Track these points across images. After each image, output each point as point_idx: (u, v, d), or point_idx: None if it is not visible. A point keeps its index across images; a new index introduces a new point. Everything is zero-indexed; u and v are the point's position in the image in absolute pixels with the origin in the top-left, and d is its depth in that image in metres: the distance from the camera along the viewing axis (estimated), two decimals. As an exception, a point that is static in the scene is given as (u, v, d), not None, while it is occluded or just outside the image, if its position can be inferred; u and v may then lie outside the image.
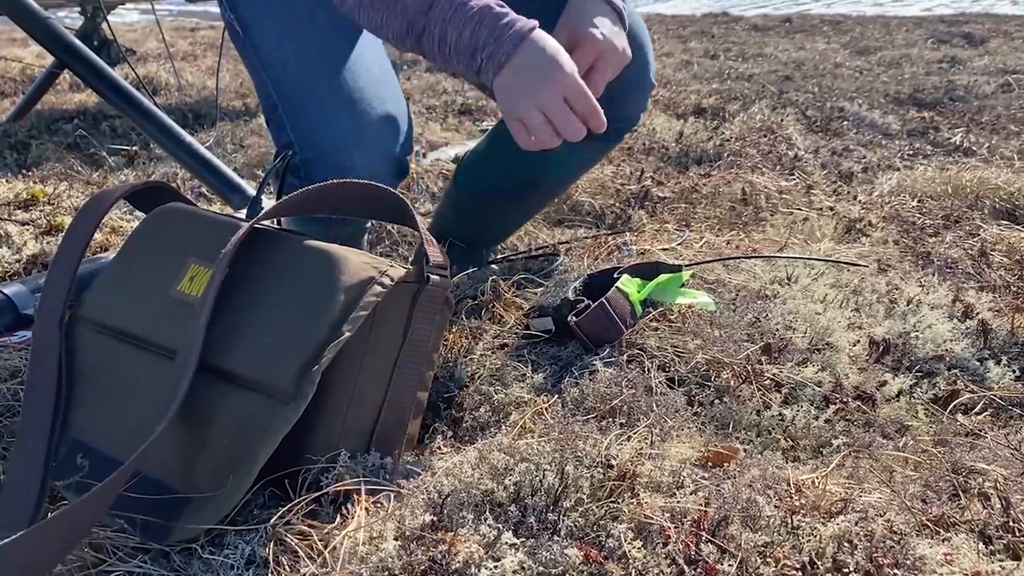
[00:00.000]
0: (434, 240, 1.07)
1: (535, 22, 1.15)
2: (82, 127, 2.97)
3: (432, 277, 1.03)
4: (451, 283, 1.05)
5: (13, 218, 2.01)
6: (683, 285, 1.37)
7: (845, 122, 3.32)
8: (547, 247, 1.84)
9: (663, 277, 1.34)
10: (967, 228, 1.90)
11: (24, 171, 2.44)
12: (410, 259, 1.06)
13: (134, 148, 2.71)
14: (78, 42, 2.20)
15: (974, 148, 2.91)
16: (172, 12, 10.74)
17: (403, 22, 1.16)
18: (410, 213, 1.06)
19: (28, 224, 1.97)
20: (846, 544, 0.82)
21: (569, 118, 1.12)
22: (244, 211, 1.26)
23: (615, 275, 1.33)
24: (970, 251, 1.70)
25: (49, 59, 3.52)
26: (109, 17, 3.06)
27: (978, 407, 1.19)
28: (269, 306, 0.97)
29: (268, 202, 1.15)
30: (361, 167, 1.30)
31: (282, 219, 1.23)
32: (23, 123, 3.15)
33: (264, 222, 1.06)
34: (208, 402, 0.94)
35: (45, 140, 2.81)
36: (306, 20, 1.36)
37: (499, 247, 1.79)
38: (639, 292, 1.31)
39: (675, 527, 0.85)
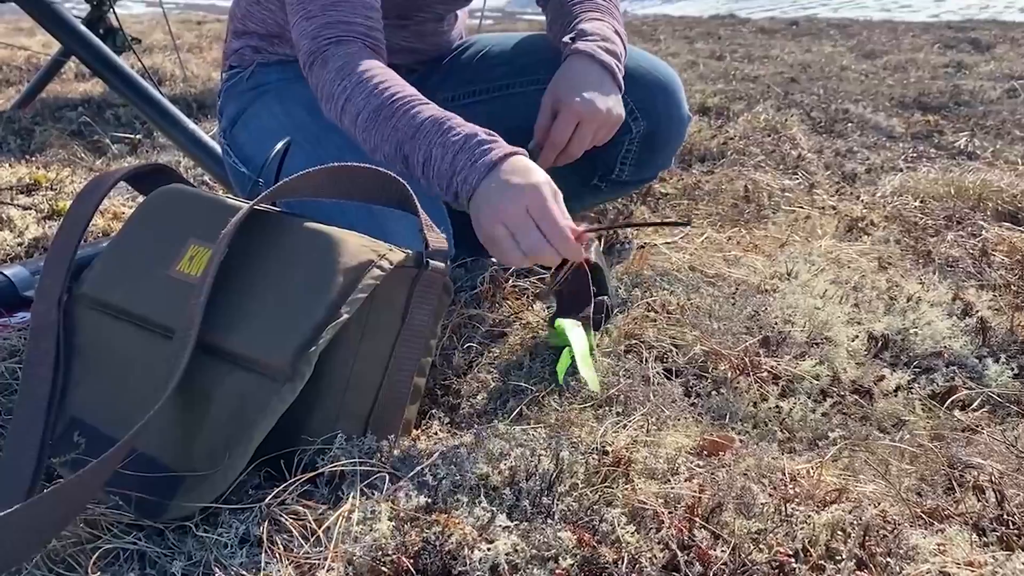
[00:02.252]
0: (434, 225, 1.07)
1: (515, 149, 1.14)
2: (86, 115, 2.97)
3: (431, 262, 1.03)
4: (450, 269, 1.05)
5: (15, 202, 2.01)
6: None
7: (849, 124, 3.32)
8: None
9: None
10: (969, 229, 1.89)
11: (27, 157, 2.44)
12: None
13: (138, 136, 2.72)
14: (84, 28, 2.21)
15: (978, 152, 2.91)
16: (179, 5, 10.76)
17: (393, 144, 1.19)
18: (411, 198, 1.06)
19: (30, 208, 1.98)
20: (839, 532, 0.82)
21: (528, 231, 1.07)
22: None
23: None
24: (971, 250, 1.70)
25: (54, 48, 3.53)
26: (115, 7, 3.06)
27: (975, 404, 1.19)
28: (268, 287, 0.97)
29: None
30: None
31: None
32: (28, 111, 3.16)
33: (265, 204, 1.05)
34: (205, 381, 0.94)
35: (49, 127, 2.82)
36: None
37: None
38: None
39: (669, 512, 0.85)
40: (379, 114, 1.20)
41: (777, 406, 1.12)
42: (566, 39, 1.40)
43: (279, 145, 1.16)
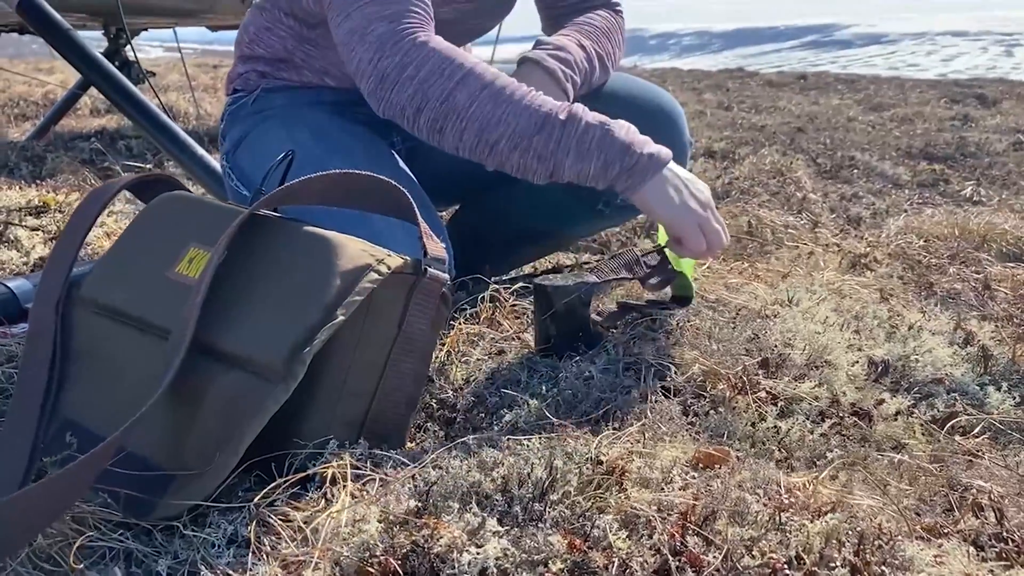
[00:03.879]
0: (433, 234, 1.07)
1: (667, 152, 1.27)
2: (99, 144, 3.01)
3: (430, 270, 1.03)
4: (448, 279, 1.05)
5: (23, 223, 2.03)
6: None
7: (855, 170, 3.33)
8: (550, 270, 1.84)
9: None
10: (972, 268, 1.89)
11: (38, 181, 2.47)
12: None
13: (148, 166, 2.75)
14: (100, 56, 2.24)
15: (984, 200, 2.92)
16: (196, 51, 10.93)
17: (530, 117, 1.22)
18: (411, 207, 1.06)
19: (38, 229, 1.99)
20: (834, 541, 0.81)
21: (713, 226, 1.27)
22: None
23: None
24: (974, 284, 1.70)
25: (72, 84, 3.59)
26: (132, 43, 3.12)
27: (976, 430, 1.17)
28: (265, 288, 0.97)
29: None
30: None
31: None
32: (42, 141, 3.20)
33: (265, 210, 1.06)
34: (199, 381, 0.94)
35: (60, 155, 2.85)
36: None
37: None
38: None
39: (661, 519, 0.84)
40: (508, 91, 1.23)
41: (775, 426, 1.11)
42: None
43: (280, 156, 1.17)
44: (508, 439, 1.02)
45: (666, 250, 1.31)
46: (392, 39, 1.25)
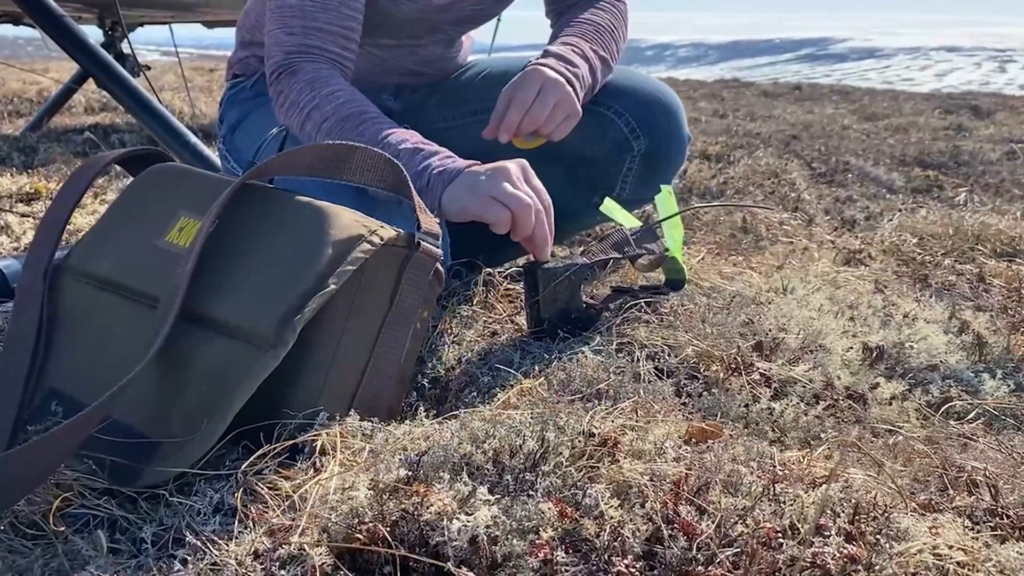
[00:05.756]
0: (427, 208, 1.06)
1: (463, 165, 1.25)
2: (92, 136, 2.99)
3: (423, 244, 1.02)
4: (442, 254, 1.04)
5: (14, 210, 2.01)
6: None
7: (849, 175, 3.33)
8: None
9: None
10: (967, 263, 1.89)
11: (29, 170, 2.45)
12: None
13: (142, 159, 2.73)
14: (98, 47, 2.24)
15: (978, 207, 2.91)
16: (192, 55, 10.94)
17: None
18: (405, 182, 1.06)
19: (28, 216, 1.98)
20: (829, 511, 0.80)
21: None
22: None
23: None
24: (969, 277, 1.69)
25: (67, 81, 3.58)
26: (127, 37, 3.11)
27: (971, 415, 1.17)
28: (256, 256, 0.96)
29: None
30: None
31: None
32: (35, 135, 3.18)
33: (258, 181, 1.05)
34: (187, 348, 0.93)
35: (53, 146, 2.84)
36: None
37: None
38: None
39: (654, 488, 0.83)
40: (347, 122, 1.30)
41: (769, 407, 1.10)
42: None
43: (274, 131, 1.17)
44: (500, 413, 1.01)
45: (658, 229, 1.31)
46: (275, 70, 1.40)
